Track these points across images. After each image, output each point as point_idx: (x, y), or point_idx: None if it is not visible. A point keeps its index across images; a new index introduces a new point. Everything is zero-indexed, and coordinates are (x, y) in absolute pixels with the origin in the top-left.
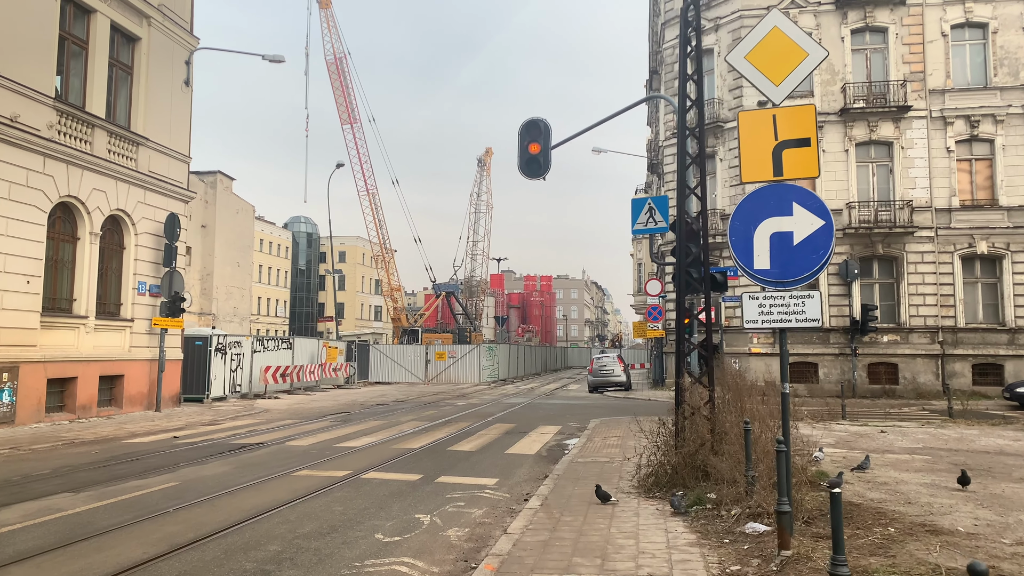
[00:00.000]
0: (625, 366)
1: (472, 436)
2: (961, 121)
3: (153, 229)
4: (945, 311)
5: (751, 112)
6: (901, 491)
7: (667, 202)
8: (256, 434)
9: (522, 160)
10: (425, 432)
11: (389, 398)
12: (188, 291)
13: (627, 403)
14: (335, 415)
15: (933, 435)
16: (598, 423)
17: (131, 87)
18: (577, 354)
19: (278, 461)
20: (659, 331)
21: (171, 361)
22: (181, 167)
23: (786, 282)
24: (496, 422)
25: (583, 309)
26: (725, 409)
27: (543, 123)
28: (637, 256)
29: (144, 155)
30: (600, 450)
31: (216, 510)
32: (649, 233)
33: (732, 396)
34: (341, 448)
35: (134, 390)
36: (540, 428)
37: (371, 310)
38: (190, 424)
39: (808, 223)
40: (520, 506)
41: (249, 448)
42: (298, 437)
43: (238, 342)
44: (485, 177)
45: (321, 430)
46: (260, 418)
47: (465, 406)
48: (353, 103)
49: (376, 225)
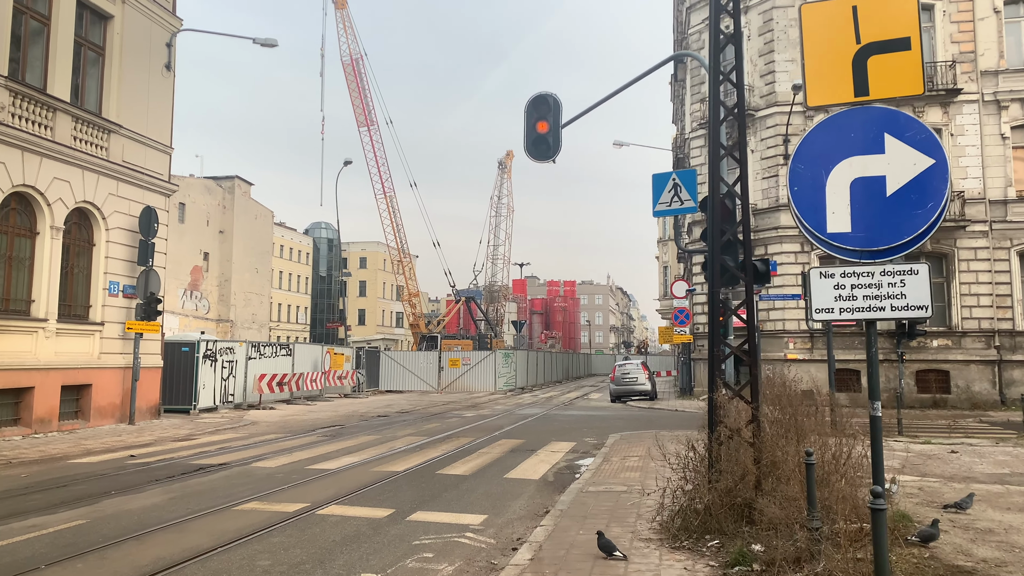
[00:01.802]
0: (650, 373)
1: (471, 455)
2: (1017, 105)
3: (127, 224)
4: (1002, 312)
5: (817, 4)
6: (1020, 545)
7: (695, 177)
8: (226, 452)
9: (529, 140)
10: (418, 450)
11: (395, 408)
12: (206, 297)
13: (652, 414)
14: (327, 428)
15: (1016, 456)
16: (618, 438)
17: (103, 70)
18: (601, 361)
19: (229, 489)
20: (686, 336)
21: (149, 369)
22: (161, 158)
23: (876, 251)
24: (503, 437)
25: (608, 315)
26: (774, 431)
27: (552, 98)
28: (663, 259)
29: (117, 144)
30: (618, 474)
31: (101, 566)
32: (673, 214)
33: (780, 412)
34: (312, 471)
35: (104, 401)
36: (551, 445)
37: (393, 316)
38: (160, 440)
39: (909, 163)
40: (505, 559)
41: (206, 470)
42: (271, 456)
43: (230, 348)
44: (506, 180)
45: (302, 447)
46: (242, 432)
47: (473, 418)
48: (370, 105)
49: (394, 229)
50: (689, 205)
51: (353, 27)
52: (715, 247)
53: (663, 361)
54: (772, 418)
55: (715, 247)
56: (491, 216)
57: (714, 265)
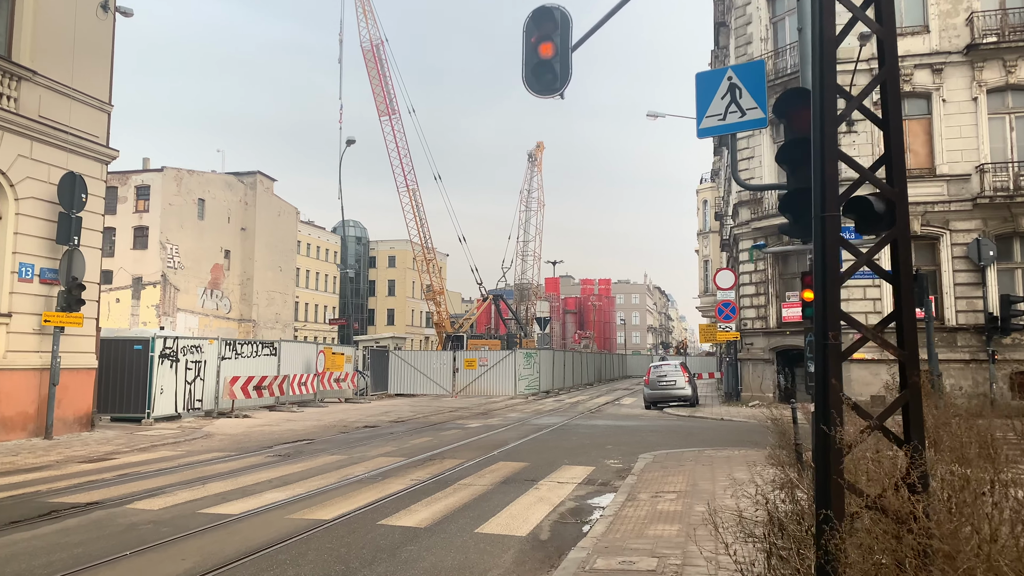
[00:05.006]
0: (690, 376)
1: (444, 490)
2: None
3: (46, 194)
4: None
5: None
6: None
7: (763, 70)
8: (124, 482)
9: (528, 67)
10: (377, 480)
11: (391, 416)
12: (228, 296)
13: (693, 425)
14: (290, 445)
15: None
16: (650, 460)
17: (12, 5)
18: (637, 362)
19: (48, 553)
20: (732, 333)
21: (77, 371)
22: (96, 116)
23: None
24: (502, 458)
25: (645, 315)
26: (955, 498)
27: (559, 12)
28: (703, 252)
29: (31, 95)
30: (645, 527)
31: None
32: (731, 131)
33: (957, 458)
34: (204, 518)
35: (12, 410)
36: (561, 471)
37: (422, 316)
38: (65, 461)
39: None
40: None
41: (56, 515)
42: (171, 491)
43: (197, 347)
44: (536, 173)
45: (231, 474)
46: (182, 449)
47: (477, 429)
48: (391, 93)
49: (417, 223)
50: (755, 116)
51: (373, 11)
52: (825, 117)
53: (704, 363)
54: (955, 473)
55: (825, 117)
56: (520, 211)
57: (825, 161)
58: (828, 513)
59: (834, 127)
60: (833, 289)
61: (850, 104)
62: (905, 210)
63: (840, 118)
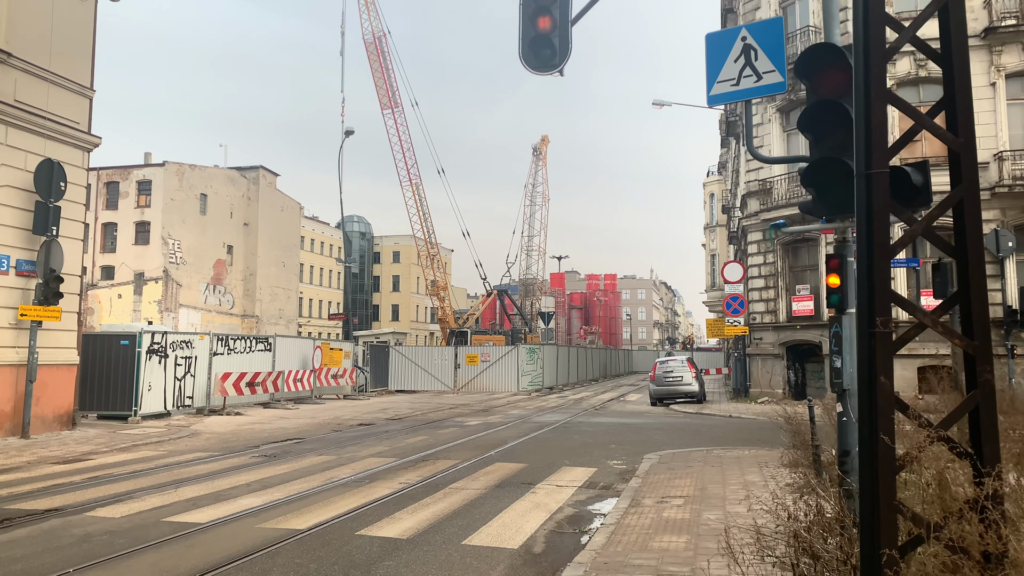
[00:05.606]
0: (697, 372)
1: (433, 494)
2: None
3: (22, 182)
4: None
5: None
6: None
7: (781, 29)
8: (92, 485)
9: (525, 41)
10: (363, 484)
11: (388, 414)
12: (231, 291)
13: (701, 422)
14: (279, 444)
15: None
16: (656, 461)
17: None
18: (643, 358)
19: None
20: (741, 327)
21: (57, 367)
22: (76, 102)
23: None
24: (499, 459)
25: (651, 310)
26: None
27: None
28: (710, 247)
29: (6, 78)
30: (650, 538)
31: None
32: (743, 98)
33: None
34: (167, 527)
35: None
36: (560, 473)
37: (426, 312)
38: (35, 462)
39: None
40: None
41: (6, 525)
42: (141, 495)
43: (187, 342)
44: (541, 167)
45: (212, 476)
46: (164, 449)
47: (475, 428)
48: (394, 86)
49: (420, 218)
50: (773, 80)
51: (375, 3)
52: (871, 48)
53: (711, 358)
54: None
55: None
56: (525, 205)
57: (871, 104)
58: (891, 553)
59: (883, 60)
60: (882, 264)
61: (903, 33)
62: (973, 164)
63: (890, 51)
